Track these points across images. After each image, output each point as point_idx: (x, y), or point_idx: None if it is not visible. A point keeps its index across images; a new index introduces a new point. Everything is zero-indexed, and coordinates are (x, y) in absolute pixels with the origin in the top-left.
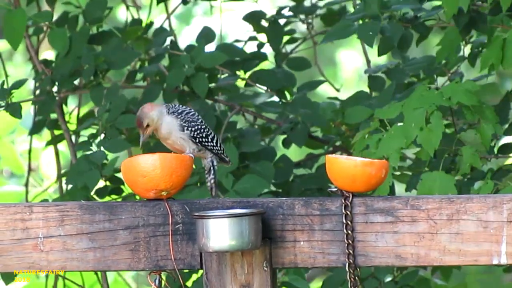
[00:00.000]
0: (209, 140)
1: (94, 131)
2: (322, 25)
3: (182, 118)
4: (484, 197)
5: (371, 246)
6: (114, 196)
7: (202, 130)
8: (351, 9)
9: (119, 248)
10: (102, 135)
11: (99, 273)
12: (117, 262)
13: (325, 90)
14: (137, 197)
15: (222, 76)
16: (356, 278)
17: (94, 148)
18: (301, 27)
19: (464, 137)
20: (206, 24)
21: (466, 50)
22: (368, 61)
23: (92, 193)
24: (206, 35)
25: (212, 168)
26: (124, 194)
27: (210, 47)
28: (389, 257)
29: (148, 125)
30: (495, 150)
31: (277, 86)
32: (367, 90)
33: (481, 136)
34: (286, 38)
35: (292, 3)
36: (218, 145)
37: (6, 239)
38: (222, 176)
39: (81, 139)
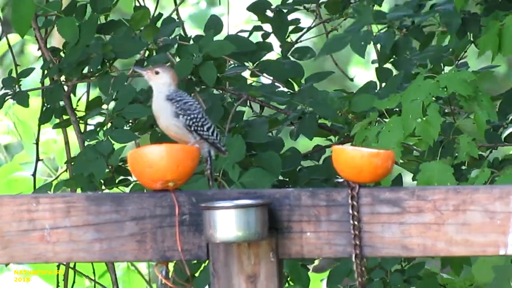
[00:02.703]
0: (205, 129)
1: (102, 119)
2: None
3: (178, 105)
4: (490, 188)
5: (378, 237)
6: (121, 188)
7: (198, 119)
8: None
9: (125, 239)
10: (109, 125)
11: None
12: (124, 253)
13: (340, 81)
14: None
15: (230, 67)
16: (363, 268)
17: (101, 137)
18: (307, 17)
19: (462, 126)
20: (214, 14)
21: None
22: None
23: (98, 179)
24: (214, 24)
25: (209, 158)
26: (131, 186)
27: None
28: (395, 247)
29: (157, 73)
30: (502, 138)
31: (284, 77)
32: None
33: (477, 124)
34: (291, 28)
35: None
36: (215, 135)
37: (12, 230)
38: (229, 167)
39: (89, 129)
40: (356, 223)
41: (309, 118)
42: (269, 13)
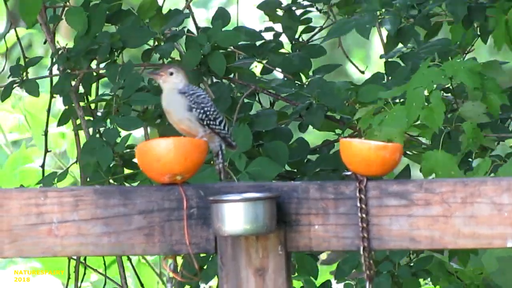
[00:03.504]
0: (217, 123)
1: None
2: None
3: (191, 99)
4: (498, 180)
5: (386, 230)
6: (130, 182)
7: (210, 113)
8: None
9: (134, 233)
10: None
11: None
12: (132, 246)
13: (353, 73)
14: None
15: (239, 59)
16: (371, 261)
17: (109, 125)
18: (318, 16)
19: (463, 113)
20: (222, 7)
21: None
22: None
23: (104, 167)
24: (222, 16)
25: (220, 152)
26: (138, 181)
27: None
28: (403, 240)
29: (171, 74)
30: (510, 129)
31: (292, 70)
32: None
33: (490, 107)
34: (303, 27)
35: None
36: (226, 129)
37: (20, 224)
38: (235, 156)
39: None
40: (364, 216)
41: (316, 108)
42: (279, 12)
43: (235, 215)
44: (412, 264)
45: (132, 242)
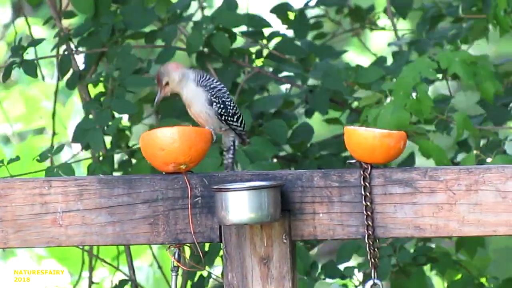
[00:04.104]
0: (235, 119)
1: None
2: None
3: (213, 93)
4: (502, 167)
5: (390, 218)
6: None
7: (229, 109)
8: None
9: (138, 222)
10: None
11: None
12: (136, 236)
13: (350, 61)
14: None
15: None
16: (376, 249)
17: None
18: (329, 23)
19: (456, 104)
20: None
21: None
22: (397, 37)
23: (96, 151)
24: (229, 3)
25: (232, 147)
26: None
27: None
28: (408, 228)
29: (167, 84)
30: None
31: (299, 55)
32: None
33: (485, 94)
34: (314, 33)
35: None
36: (242, 126)
37: (25, 214)
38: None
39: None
40: (368, 203)
41: (320, 92)
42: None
43: (240, 203)
44: (413, 250)
45: (136, 232)
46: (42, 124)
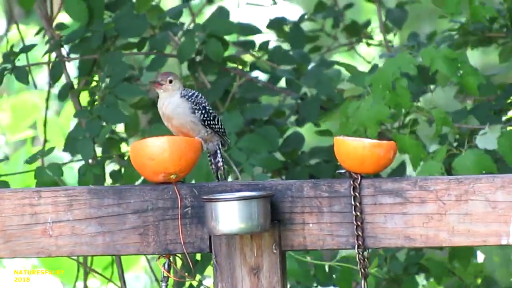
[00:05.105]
0: (216, 121)
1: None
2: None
3: (192, 100)
4: (492, 177)
5: (380, 228)
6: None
7: (209, 113)
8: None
9: (128, 232)
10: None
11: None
12: (126, 246)
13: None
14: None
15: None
16: (366, 260)
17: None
18: (326, 37)
19: (435, 100)
20: (221, 5)
21: None
22: (388, 48)
23: (85, 160)
24: (220, 12)
25: (218, 151)
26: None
27: None
28: (398, 238)
29: (171, 81)
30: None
31: (291, 64)
32: None
33: (469, 89)
34: (310, 46)
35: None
36: (220, 124)
37: (14, 224)
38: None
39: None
40: (358, 214)
41: (311, 100)
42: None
43: (230, 214)
44: (403, 259)
45: (126, 242)
46: (34, 134)
